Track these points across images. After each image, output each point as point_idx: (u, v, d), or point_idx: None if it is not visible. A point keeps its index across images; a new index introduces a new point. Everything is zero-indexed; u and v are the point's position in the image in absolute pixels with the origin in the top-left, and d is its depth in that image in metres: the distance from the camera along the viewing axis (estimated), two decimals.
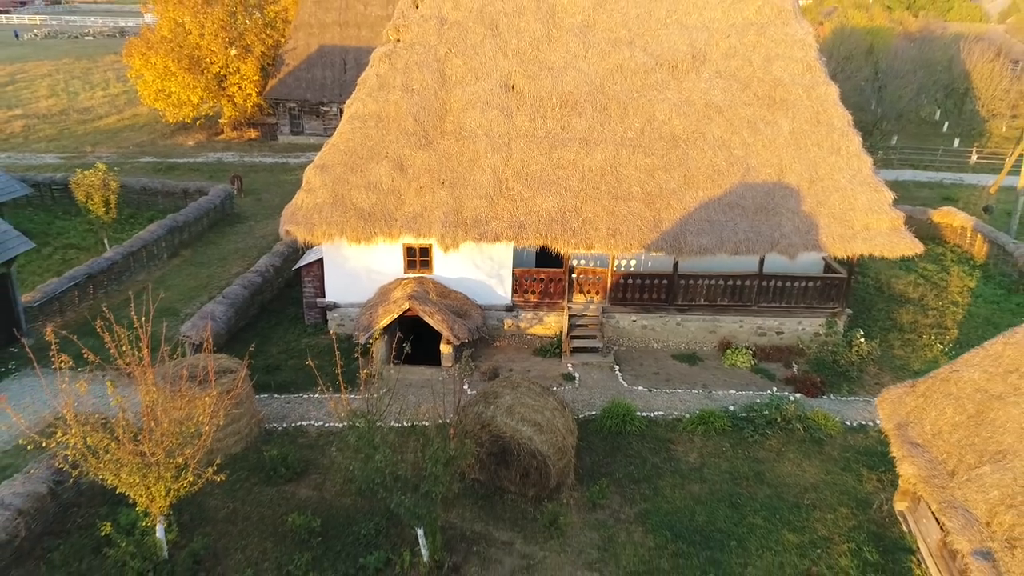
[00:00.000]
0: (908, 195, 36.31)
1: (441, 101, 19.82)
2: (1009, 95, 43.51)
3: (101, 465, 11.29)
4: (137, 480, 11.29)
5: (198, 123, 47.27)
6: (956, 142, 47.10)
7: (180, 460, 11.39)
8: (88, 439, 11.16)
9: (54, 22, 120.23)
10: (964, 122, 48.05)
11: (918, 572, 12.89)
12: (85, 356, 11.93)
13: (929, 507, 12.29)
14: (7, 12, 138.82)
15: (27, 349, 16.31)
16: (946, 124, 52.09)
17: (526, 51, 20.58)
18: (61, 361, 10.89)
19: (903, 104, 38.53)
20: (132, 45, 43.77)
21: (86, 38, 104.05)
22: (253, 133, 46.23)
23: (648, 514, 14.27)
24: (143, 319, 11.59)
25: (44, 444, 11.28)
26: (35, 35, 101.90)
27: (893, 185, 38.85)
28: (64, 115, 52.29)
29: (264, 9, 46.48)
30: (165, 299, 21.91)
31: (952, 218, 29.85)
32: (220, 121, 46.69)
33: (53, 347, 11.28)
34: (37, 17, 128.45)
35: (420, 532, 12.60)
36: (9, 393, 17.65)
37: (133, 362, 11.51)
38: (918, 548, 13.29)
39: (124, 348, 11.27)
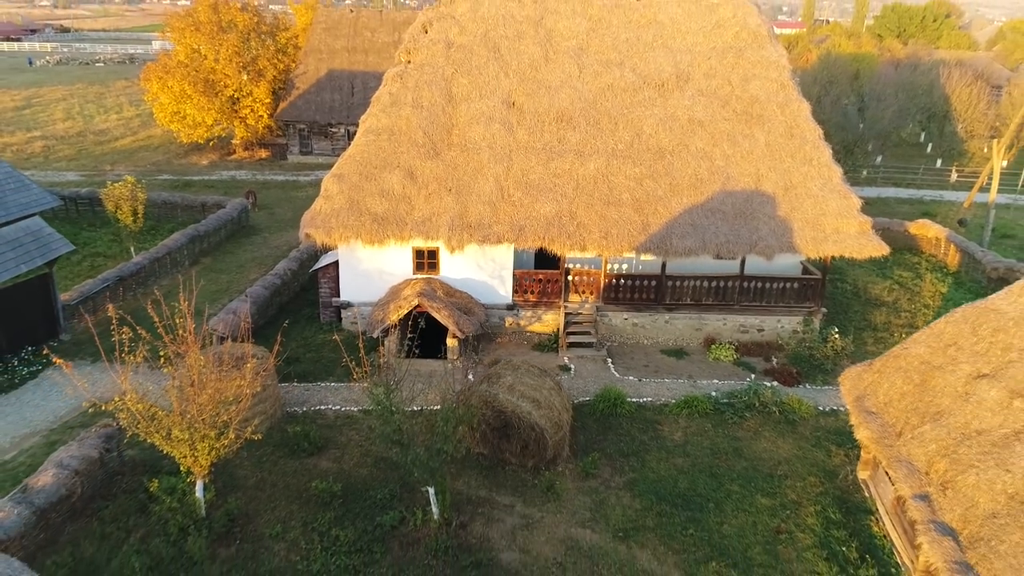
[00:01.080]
0: (890, 210, 38.18)
1: (448, 116, 21.70)
2: (987, 117, 45.54)
3: (152, 428, 12.92)
4: (185, 438, 12.89)
5: (211, 143, 49.25)
6: (939, 162, 49.10)
7: (224, 418, 13.00)
8: (140, 405, 12.80)
9: (65, 49, 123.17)
10: (945, 143, 50.12)
11: (876, 529, 14.44)
12: (140, 334, 13.59)
13: (884, 470, 13.85)
14: (19, 40, 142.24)
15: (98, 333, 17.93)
16: (929, 145, 54.21)
17: (525, 71, 22.52)
18: (122, 333, 12.55)
19: (882, 125, 40.55)
20: (150, 70, 45.86)
21: (97, 64, 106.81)
22: (264, 153, 48.23)
23: (635, 482, 15.83)
24: (188, 303, 13.31)
25: (104, 407, 12.90)
26: (47, 61, 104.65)
27: (876, 202, 41.03)
28: (81, 137, 54.37)
29: (276, 35, 48.70)
30: (181, 309, 23.61)
31: (927, 229, 31.65)
32: (232, 142, 48.72)
33: (113, 324, 12.95)
34: (48, 44, 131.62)
35: (431, 491, 14.18)
36: (50, 382, 19.33)
37: (182, 337, 13.21)
38: (877, 509, 14.85)
39: (176, 323, 12.97)
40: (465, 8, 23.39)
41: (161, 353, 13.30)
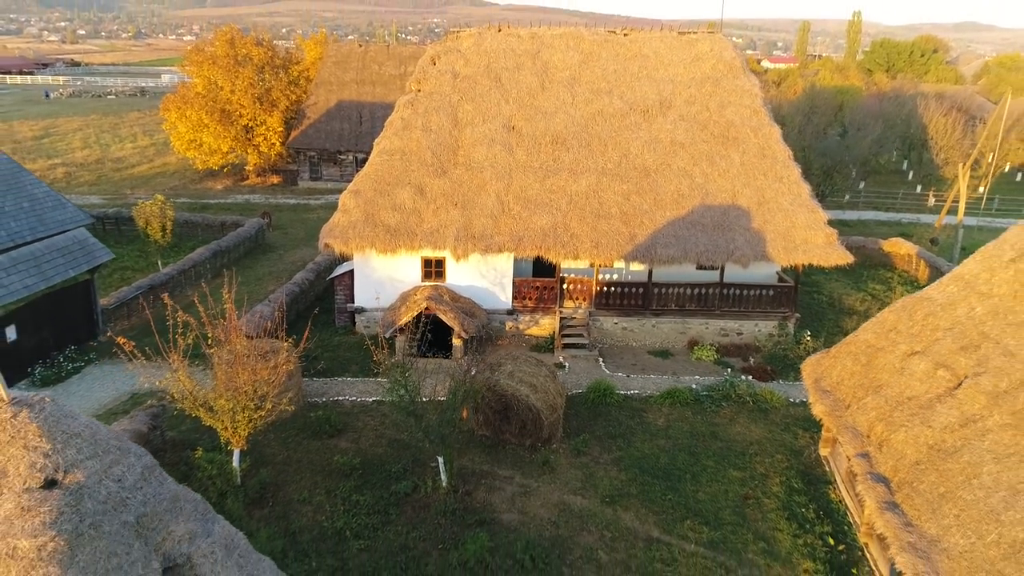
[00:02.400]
0: (869, 232, 40.44)
1: (454, 139, 24.02)
2: (962, 145, 48.10)
3: (197, 401, 14.91)
4: (228, 408, 14.88)
5: (225, 170, 51.74)
6: (919, 188, 51.57)
7: (263, 391, 15.02)
8: (188, 382, 14.82)
9: (79, 82, 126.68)
10: (923, 169, 52.65)
11: (833, 496, 16.36)
12: (188, 321, 15.64)
13: (840, 444, 15.80)
14: (31, 73, 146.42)
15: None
16: (911, 173, 56.76)
17: (524, 99, 24.91)
18: (178, 315, 14.62)
19: (860, 151, 43.03)
20: (169, 100, 48.53)
21: (109, 97, 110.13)
22: (276, 179, 50.70)
23: (621, 459, 17.76)
24: (230, 295, 15.41)
25: (158, 383, 14.89)
26: (61, 94, 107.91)
27: (857, 224, 43.33)
28: (100, 164, 56.93)
29: (288, 68, 51.49)
30: (214, 309, 25.65)
31: (899, 247, 33.87)
32: (246, 168, 51.19)
33: (168, 310, 15.00)
34: (60, 78, 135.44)
35: (441, 461, 16.13)
36: (92, 376, 21.36)
37: (225, 323, 15.30)
38: (834, 480, 16.78)
39: (222, 309, 15.05)
40: (470, 43, 25.88)
41: (208, 336, 15.37)
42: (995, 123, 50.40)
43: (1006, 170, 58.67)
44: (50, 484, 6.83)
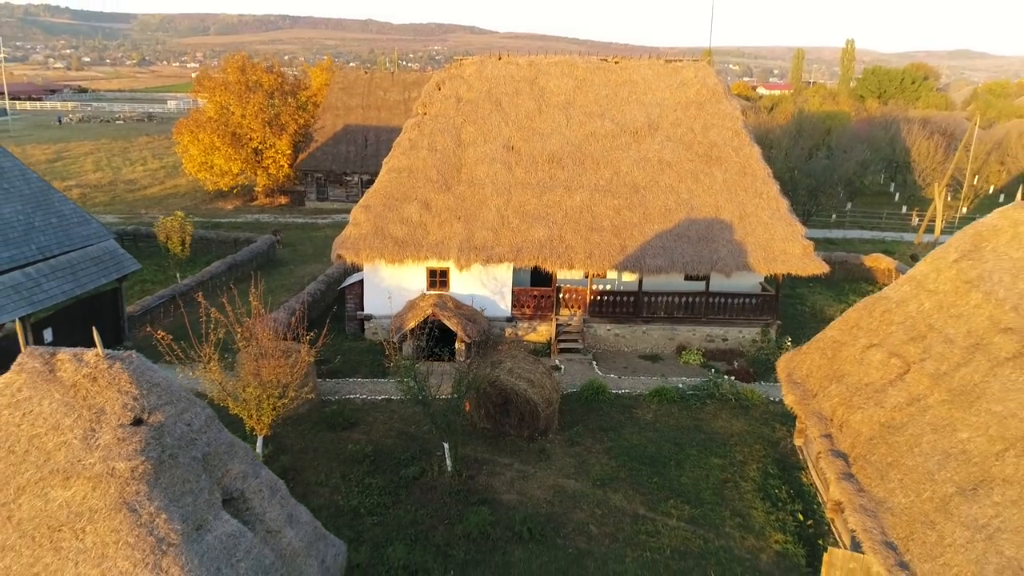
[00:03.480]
0: (854, 249, 42.18)
1: (458, 158, 25.88)
2: (943, 167, 50.09)
3: (225, 392, 16.52)
4: (254, 396, 16.48)
5: (234, 191, 53.64)
6: (904, 207, 53.52)
7: (286, 380, 16.65)
8: (219, 375, 16.44)
9: (88, 108, 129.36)
10: (908, 190, 54.63)
11: (805, 479, 17.90)
12: (216, 316, 17.32)
13: (809, 430, 17.36)
14: (40, 99, 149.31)
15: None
16: (897, 194, 58.78)
17: (522, 121, 26.81)
18: (208, 310, 16.28)
19: (843, 172, 45.02)
20: (182, 124, 50.59)
21: (117, 122, 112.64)
22: (284, 199, 52.60)
23: (612, 448, 19.31)
24: (257, 295, 17.10)
25: (193, 374, 16.49)
26: (71, 119, 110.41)
27: (842, 242, 45.16)
28: (112, 185, 58.87)
29: (297, 94, 53.65)
30: (240, 309, 27.39)
31: (880, 262, 35.62)
32: (255, 189, 53.12)
33: (201, 315, 16.64)
34: (68, 104, 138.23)
35: (446, 447, 17.68)
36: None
37: (250, 321, 16.97)
38: (806, 466, 18.33)
39: (251, 307, 16.73)
40: (472, 70, 27.87)
41: (238, 333, 17.03)
42: (977, 146, 52.50)
43: (990, 191, 60.71)
44: (137, 422, 8.47)
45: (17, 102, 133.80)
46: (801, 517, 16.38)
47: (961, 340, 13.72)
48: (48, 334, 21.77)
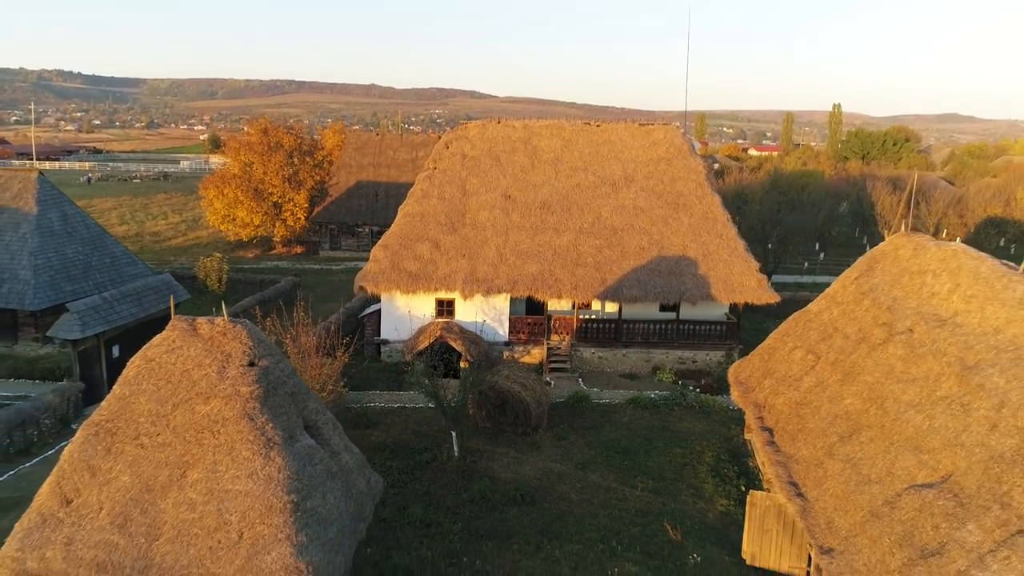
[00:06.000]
0: (820, 291, 46.36)
1: (463, 205, 30.32)
2: (907, 220, 54.76)
3: None
4: None
5: (254, 241, 58.15)
6: None
7: (326, 375, 20.58)
8: None
9: (107, 167, 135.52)
10: (875, 240, 59.26)
11: (751, 464, 21.64)
12: (265, 325, 21.38)
13: (748, 417, 21.18)
14: (58, 159, 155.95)
15: None
16: (868, 246, 63.49)
17: (518, 174, 31.38)
18: (262, 320, 20.33)
19: (812, 224, 49.69)
20: (208, 180, 55.46)
21: (134, 180, 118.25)
22: (299, 248, 57.08)
23: (592, 442, 23.07)
24: (304, 307, 21.18)
25: None
26: (90, 178, 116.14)
27: (812, 286, 49.45)
28: (139, 237, 63.39)
29: (314, 153, 58.73)
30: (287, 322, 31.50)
31: None
32: (274, 239, 57.65)
33: (257, 317, 20.72)
34: (86, 163, 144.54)
35: (454, 435, 21.48)
36: None
37: (294, 331, 21.01)
38: (752, 453, 22.08)
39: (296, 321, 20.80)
40: (475, 131, 32.60)
41: (286, 340, 21.04)
42: (936, 201, 57.39)
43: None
44: (251, 364, 12.47)
45: (37, 163, 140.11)
46: (743, 488, 20.07)
47: (853, 335, 17.76)
48: (116, 350, 25.72)
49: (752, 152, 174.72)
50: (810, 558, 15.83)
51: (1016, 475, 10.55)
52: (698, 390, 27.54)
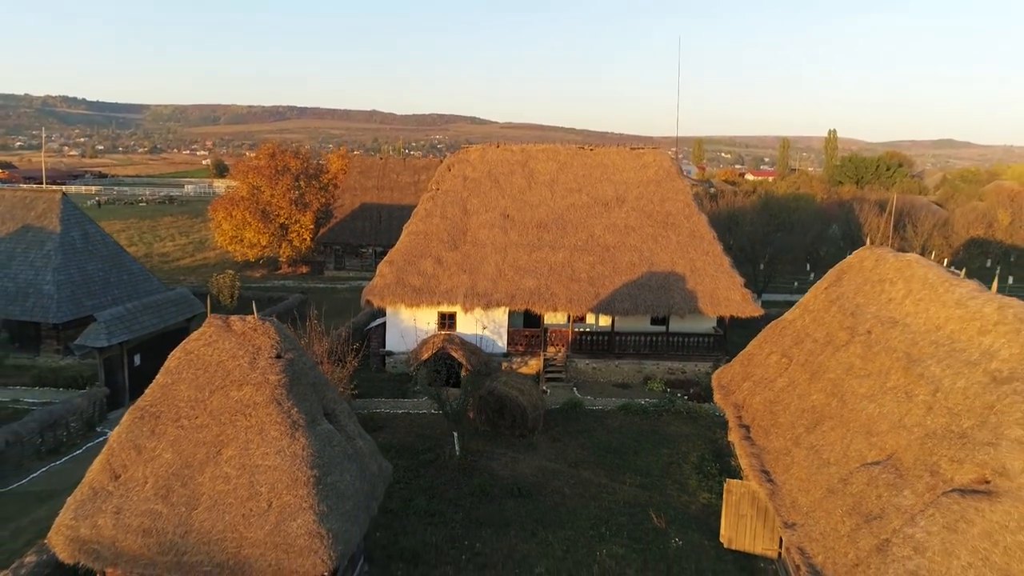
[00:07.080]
0: None
1: (464, 223, 32.12)
2: (892, 240, 56.63)
3: None
4: None
5: (260, 261, 59.91)
6: None
7: (337, 378, 22.18)
8: None
9: (113, 191, 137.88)
10: None
11: (733, 463, 23.17)
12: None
13: (728, 417, 22.74)
14: (64, 183, 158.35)
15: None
16: None
17: (516, 195, 33.22)
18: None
19: (800, 244, 51.58)
20: (217, 203, 57.37)
21: (140, 204, 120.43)
22: (305, 268, 58.83)
23: (585, 444, 24.60)
24: (318, 317, 22.85)
25: None
26: (99, 201, 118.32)
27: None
28: (148, 257, 65.12)
29: (320, 177, 60.75)
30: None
31: None
32: (280, 259, 59.43)
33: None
34: (92, 187, 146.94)
35: (455, 436, 23.03)
36: None
37: (308, 337, 22.67)
38: (734, 453, 23.59)
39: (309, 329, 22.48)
40: (476, 155, 34.52)
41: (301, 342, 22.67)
42: (922, 222, 59.31)
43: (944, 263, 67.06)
44: (278, 356, 14.13)
45: (45, 187, 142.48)
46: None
47: (821, 339, 19.44)
48: (137, 359, 27.34)
49: (749, 177, 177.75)
50: (781, 540, 17.37)
51: (944, 447, 12.17)
52: (686, 398, 29.09)
